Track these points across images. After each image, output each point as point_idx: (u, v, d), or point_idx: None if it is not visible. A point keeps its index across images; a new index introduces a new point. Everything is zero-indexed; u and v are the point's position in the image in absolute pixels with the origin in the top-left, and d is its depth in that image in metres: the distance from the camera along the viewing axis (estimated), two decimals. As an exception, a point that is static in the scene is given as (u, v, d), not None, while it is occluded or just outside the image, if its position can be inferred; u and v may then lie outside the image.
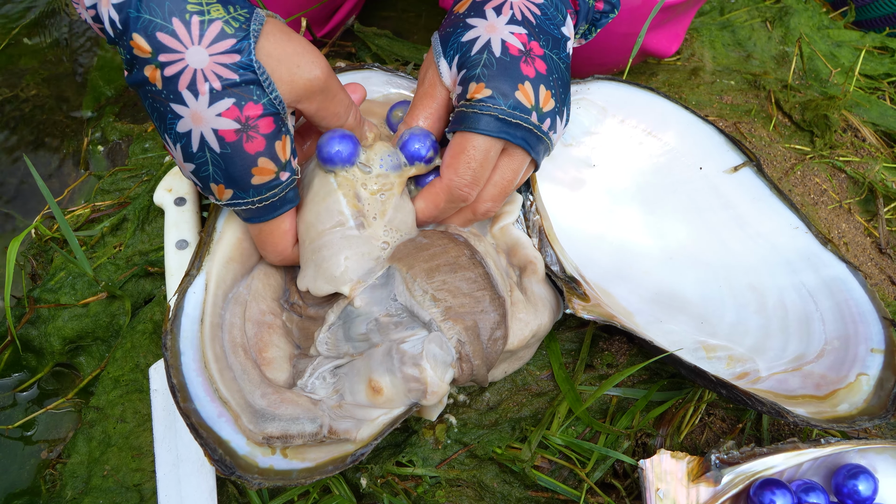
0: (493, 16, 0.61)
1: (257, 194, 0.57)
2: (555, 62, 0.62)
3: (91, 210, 0.83)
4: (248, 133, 0.54)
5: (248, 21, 0.53)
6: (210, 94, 0.52)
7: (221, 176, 0.55)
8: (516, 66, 0.59)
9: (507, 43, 0.59)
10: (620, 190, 0.80)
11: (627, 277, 0.74)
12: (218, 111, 0.52)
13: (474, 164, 0.60)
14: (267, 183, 0.56)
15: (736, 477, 0.58)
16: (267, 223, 0.60)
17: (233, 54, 0.52)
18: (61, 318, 0.75)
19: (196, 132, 0.53)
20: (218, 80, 0.52)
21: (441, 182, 0.62)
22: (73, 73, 1.06)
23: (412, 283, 0.60)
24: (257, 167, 0.55)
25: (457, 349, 0.58)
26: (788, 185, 0.88)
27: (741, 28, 1.10)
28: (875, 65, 1.08)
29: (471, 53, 0.60)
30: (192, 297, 0.61)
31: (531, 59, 0.60)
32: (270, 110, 0.54)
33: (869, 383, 0.62)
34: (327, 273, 0.60)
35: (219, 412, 0.56)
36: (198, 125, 0.53)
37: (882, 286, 0.82)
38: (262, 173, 0.56)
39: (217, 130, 0.53)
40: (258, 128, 0.54)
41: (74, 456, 0.68)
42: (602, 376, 0.70)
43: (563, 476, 0.65)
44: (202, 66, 0.51)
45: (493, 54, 0.59)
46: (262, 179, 0.56)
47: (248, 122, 0.53)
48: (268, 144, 0.55)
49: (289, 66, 0.55)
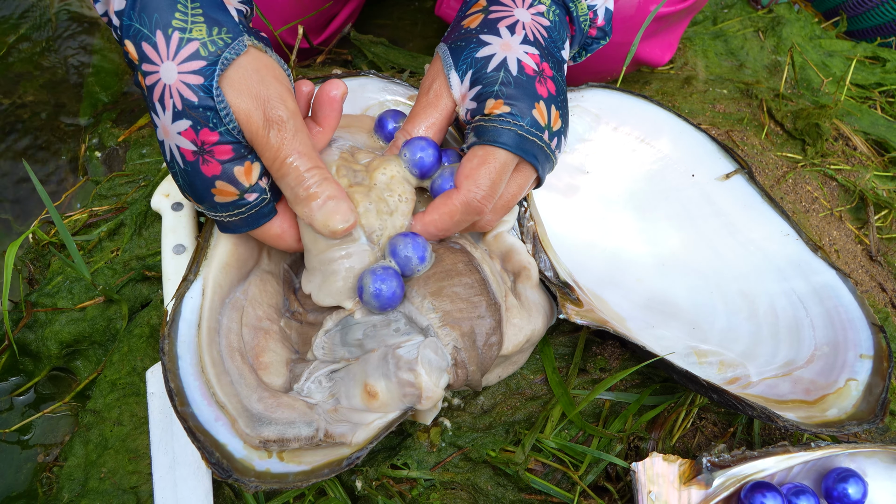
0: (507, 34, 0.61)
1: (224, 210, 0.57)
2: (560, 84, 0.63)
3: (88, 215, 0.84)
4: (204, 157, 0.54)
5: (225, 48, 0.53)
6: (173, 111, 0.52)
7: (187, 191, 0.56)
8: (532, 85, 0.60)
9: (523, 62, 0.60)
10: (614, 196, 0.81)
11: (620, 283, 0.74)
12: (178, 129, 0.53)
13: (494, 176, 0.60)
14: (231, 202, 0.56)
15: (727, 480, 0.59)
16: (254, 232, 0.60)
17: (198, 76, 0.52)
18: (58, 323, 0.75)
19: (166, 144, 0.55)
20: (180, 100, 0.52)
21: (458, 194, 0.60)
22: (70, 80, 1.07)
23: (410, 290, 0.61)
24: (216, 188, 0.55)
25: (452, 355, 0.59)
26: (780, 192, 0.89)
27: (734, 37, 1.12)
28: (866, 74, 1.09)
29: (487, 70, 0.60)
30: (189, 302, 0.61)
31: (544, 80, 0.61)
32: (228, 139, 0.53)
33: (858, 388, 0.63)
34: (332, 287, 0.61)
35: (216, 416, 0.56)
36: (166, 138, 0.54)
37: (872, 293, 0.83)
38: (223, 194, 0.55)
39: (179, 147, 0.54)
40: (213, 153, 0.54)
41: (71, 459, 0.69)
42: (595, 380, 0.71)
43: (556, 479, 0.65)
44: (170, 83, 0.52)
45: (509, 72, 0.60)
46: (224, 199, 0.56)
47: (203, 146, 0.53)
48: (224, 170, 0.54)
49: (249, 106, 0.54)
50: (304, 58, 1.09)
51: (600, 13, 0.68)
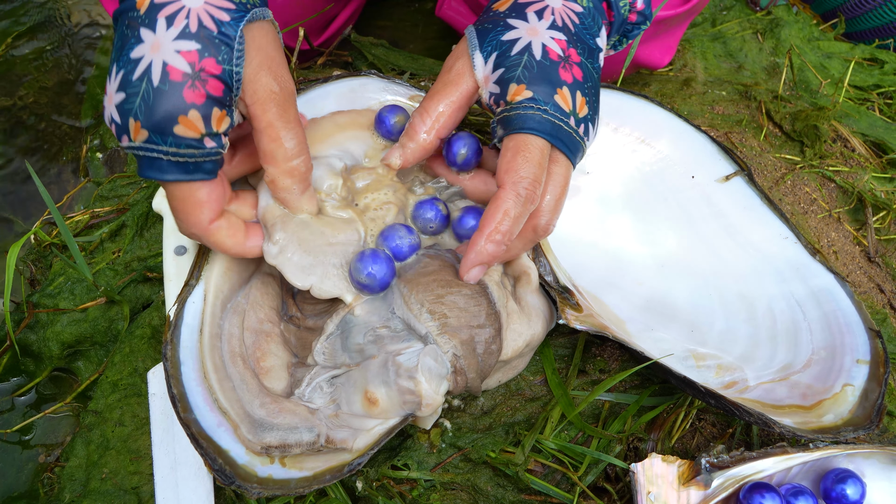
0: (534, 19, 0.61)
1: (174, 145, 0.53)
2: (589, 71, 0.62)
3: (90, 216, 0.84)
4: (195, 82, 0.52)
5: (253, 6, 0.54)
6: (183, 30, 0.52)
7: (143, 113, 0.52)
8: (555, 70, 0.59)
9: (548, 47, 0.60)
10: (613, 197, 0.81)
11: (620, 285, 0.75)
12: (178, 48, 0.52)
13: (533, 161, 0.58)
14: (188, 139, 0.53)
15: (726, 481, 0.59)
16: (178, 185, 0.55)
17: (225, 13, 0.53)
18: (60, 323, 0.76)
19: (146, 60, 0.52)
20: (197, 23, 0.52)
21: (504, 190, 0.58)
22: (72, 81, 1.07)
23: (409, 297, 0.61)
24: (186, 117, 0.52)
25: (452, 363, 0.59)
26: (779, 194, 0.90)
27: (732, 39, 1.12)
28: (864, 76, 1.09)
29: (511, 53, 0.60)
30: (191, 307, 0.61)
31: (569, 66, 0.60)
32: (225, 79, 0.53)
33: (854, 394, 0.63)
34: (335, 279, 0.61)
35: (218, 422, 0.57)
36: (153, 52, 0.52)
37: (871, 294, 0.84)
38: (188, 126, 0.53)
39: (167, 64, 0.51)
40: (206, 83, 0.52)
41: (73, 459, 0.69)
42: (594, 381, 0.71)
43: (556, 480, 0.66)
44: (194, 6, 0.52)
45: (533, 57, 0.59)
46: (185, 132, 0.53)
47: (199, 73, 0.52)
48: (206, 104, 0.53)
49: (262, 61, 0.55)
50: (305, 59, 1.09)
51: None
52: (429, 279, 0.62)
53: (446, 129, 0.64)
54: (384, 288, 0.61)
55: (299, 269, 0.60)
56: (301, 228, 0.61)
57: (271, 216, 0.62)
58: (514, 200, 0.58)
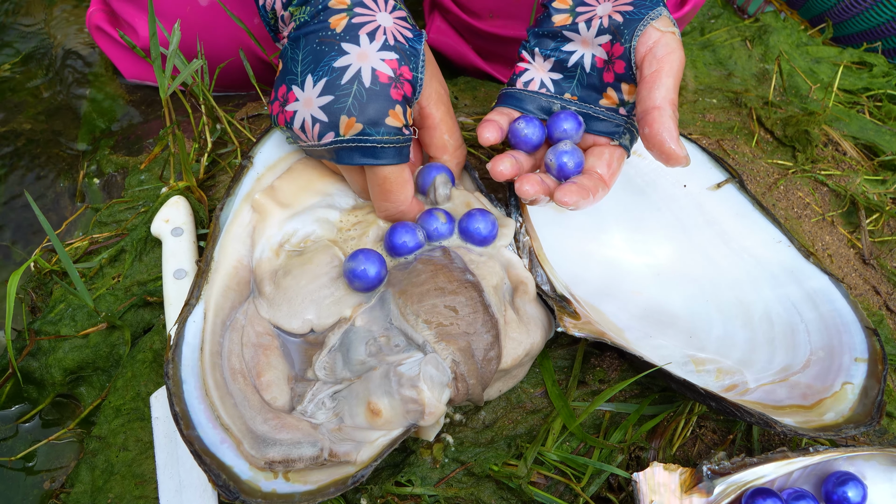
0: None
1: (387, 133, 0.64)
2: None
3: (89, 242, 0.84)
4: (396, 84, 0.64)
5: (418, 28, 0.69)
6: (384, 43, 0.64)
7: (358, 109, 0.63)
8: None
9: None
10: (608, 208, 0.82)
11: (617, 294, 0.75)
12: (383, 57, 0.64)
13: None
14: (394, 128, 0.64)
15: (728, 487, 0.59)
16: (394, 167, 0.66)
17: (408, 31, 0.67)
18: (62, 350, 0.76)
19: (354, 67, 0.63)
20: (393, 38, 0.65)
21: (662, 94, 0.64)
22: (68, 107, 1.08)
23: (404, 308, 0.62)
24: (394, 111, 0.64)
25: (452, 369, 0.60)
26: (772, 199, 0.90)
27: (721, 47, 1.13)
28: (854, 79, 1.10)
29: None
30: (191, 326, 0.62)
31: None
32: (414, 83, 0.66)
33: (854, 392, 0.63)
34: (330, 306, 0.65)
35: (221, 438, 0.57)
36: (360, 61, 0.63)
37: (866, 296, 0.84)
38: (395, 118, 0.64)
39: (376, 70, 0.63)
40: (404, 86, 0.65)
41: (78, 485, 0.69)
42: (594, 392, 0.72)
43: (559, 491, 0.66)
44: (387, 25, 0.65)
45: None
46: (393, 122, 0.64)
47: (399, 77, 0.64)
48: (405, 100, 0.65)
49: (432, 71, 0.70)
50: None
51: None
52: (422, 289, 0.63)
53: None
54: (379, 278, 0.66)
55: (292, 317, 0.66)
56: (285, 277, 0.67)
57: (260, 271, 0.66)
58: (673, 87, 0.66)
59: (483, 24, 1.01)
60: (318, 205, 0.73)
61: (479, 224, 0.69)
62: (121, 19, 1.01)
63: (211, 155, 0.90)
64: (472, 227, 0.69)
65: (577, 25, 0.71)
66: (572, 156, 0.69)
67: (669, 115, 0.63)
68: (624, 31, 0.67)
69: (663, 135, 0.63)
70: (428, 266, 0.65)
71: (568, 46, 0.72)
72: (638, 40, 0.66)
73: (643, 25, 0.66)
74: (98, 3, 1.03)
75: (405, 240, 0.68)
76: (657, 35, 0.65)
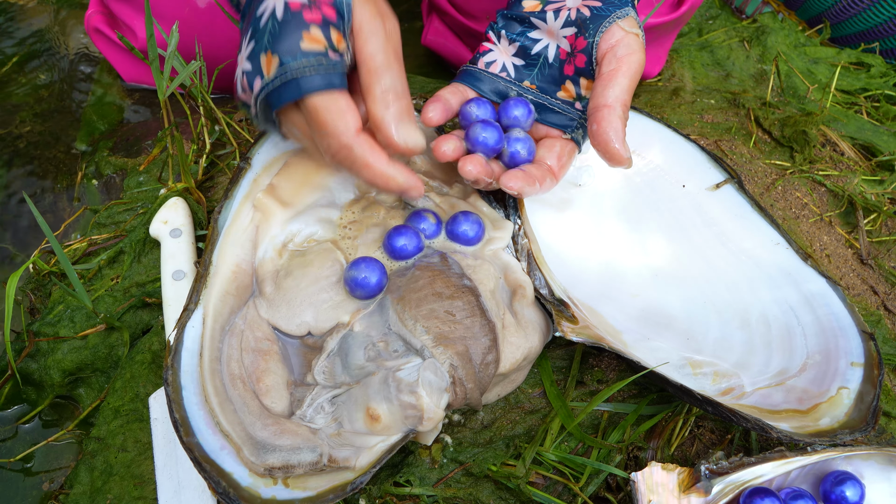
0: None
1: (305, 57, 0.58)
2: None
3: (88, 243, 0.84)
4: (311, 8, 0.58)
5: None
6: None
7: (272, 43, 0.58)
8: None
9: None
10: (606, 209, 0.82)
11: (614, 296, 0.75)
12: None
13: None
14: (315, 51, 0.58)
15: (726, 487, 0.59)
16: (322, 95, 0.58)
17: None
18: (60, 351, 0.76)
19: (268, 5, 0.59)
20: None
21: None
22: (67, 109, 1.08)
23: (403, 313, 0.62)
24: (308, 32, 0.58)
25: (450, 373, 0.60)
26: (770, 200, 0.90)
27: (719, 48, 1.13)
28: (851, 80, 1.10)
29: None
30: (190, 332, 0.62)
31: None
32: (340, 6, 0.59)
33: (850, 397, 0.63)
34: (328, 310, 0.65)
35: (221, 445, 0.57)
36: (274, 0, 0.59)
37: (865, 296, 0.84)
38: (312, 40, 0.58)
39: (288, 2, 0.58)
40: (321, 7, 0.58)
41: (77, 486, 0.69)
42: (593, 392, 0.72)
43: (557, 491, 0.66)
44: None
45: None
46: (311, 46, 0.58)
47: (314, 1, 0.58)
48: (325, 22, 0.58)
49: (379, 6, 0.62)
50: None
51: None
52: (420, 294, 0.63)
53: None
54: (379, 286, 0.65)
55: (291, 319, 0.66)
56: (286, 278, 0.66)
57: (263, 271, 0.66)
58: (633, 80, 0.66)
59: (480, 26, 1.02)
60: (319, 203, 0.72)
61: (465, 226, 0.70)
62: (119, 21, 1.01)
63: (209, 156, 0.91)
64: (459, 229, 0.70)
65: (545, 14, 0.71)
66: (525, 144, 0.69)
67: (619, 115, 0.63)
68: (589, 25, 0.67)
69: (609, 134, 0.63)
70: (426, 272, 0.65)
71: (534, 34, 0.72)
72: (602, 36, 0.66)
73: (609, 22, 0.66)
74: (96, 5, 1.03)
75: (404, 243, 0.68)
76: (621, 34, 0.65)
